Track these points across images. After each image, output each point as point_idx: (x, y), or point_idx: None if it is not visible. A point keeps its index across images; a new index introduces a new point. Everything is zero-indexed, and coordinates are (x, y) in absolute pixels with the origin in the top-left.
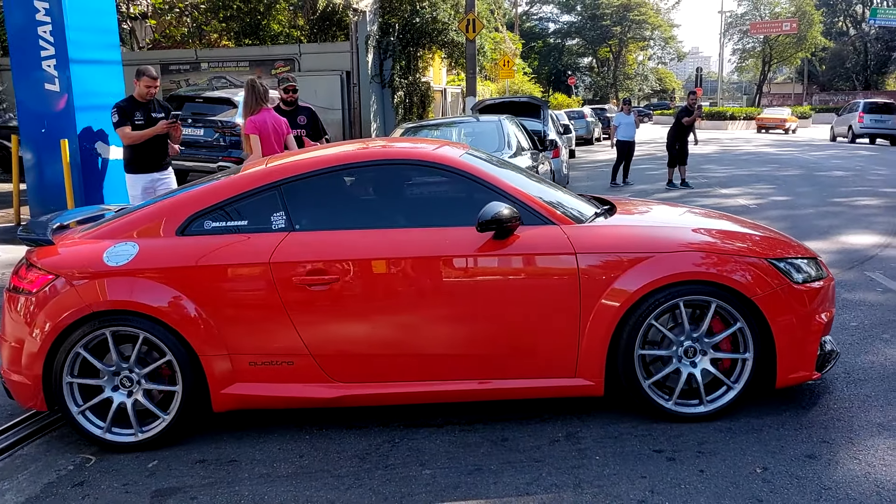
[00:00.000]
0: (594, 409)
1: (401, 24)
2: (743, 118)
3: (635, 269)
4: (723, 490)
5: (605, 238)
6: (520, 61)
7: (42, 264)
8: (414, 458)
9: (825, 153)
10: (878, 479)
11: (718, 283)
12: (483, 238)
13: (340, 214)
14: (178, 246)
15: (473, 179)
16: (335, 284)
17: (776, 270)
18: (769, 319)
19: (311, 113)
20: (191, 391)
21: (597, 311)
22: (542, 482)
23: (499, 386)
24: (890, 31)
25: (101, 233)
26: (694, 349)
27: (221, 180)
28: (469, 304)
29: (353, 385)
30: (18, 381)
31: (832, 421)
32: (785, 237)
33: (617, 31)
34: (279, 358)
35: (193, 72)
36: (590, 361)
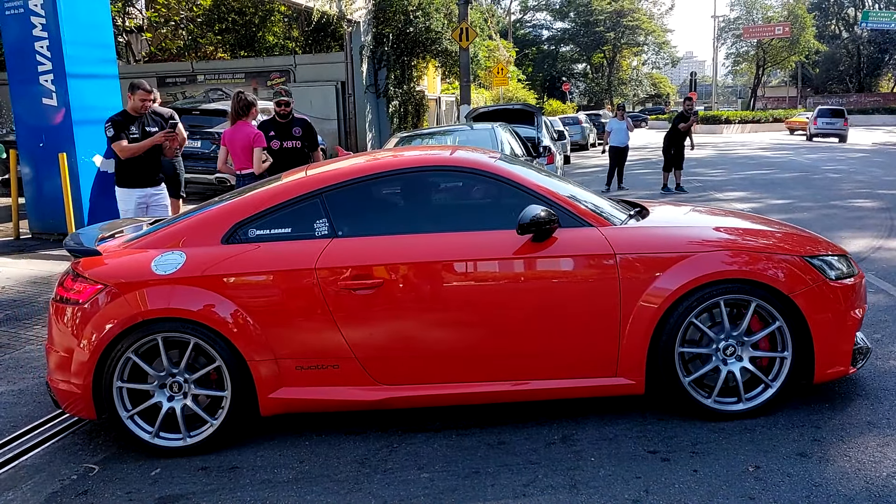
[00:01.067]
0: (590, 411)
1: (394, 34)
2: (738, 122)
3: (674, 269)
4: (716, 489)
5: (643, 239)
6: (514, 68)
7: (90, 274)
8: (412, 462)
9: (819, 156)
10: (867, 475)
11: (757, 281)
12: (523, 240)
13: (381, 220)
14: (224, 254)
15: (510, 183)
16: (380, 288)
17: (812, 267)
18: (807, 316)
19: (306, 124)
20: (239, 396)
21: (637, 310)
22: (539, 484)
23: (540, 386)
24: (882, 34)
25: (146, 243)
26: (733, 347)
27: (264, 190)
28: (511, 305)
29: (397, 387)
30: (67, 390)
31: (823, 420)
32: (813, 234)
33: (610, 37)
34: (325, 362)
35: (190, 84)
36: (630, 360)
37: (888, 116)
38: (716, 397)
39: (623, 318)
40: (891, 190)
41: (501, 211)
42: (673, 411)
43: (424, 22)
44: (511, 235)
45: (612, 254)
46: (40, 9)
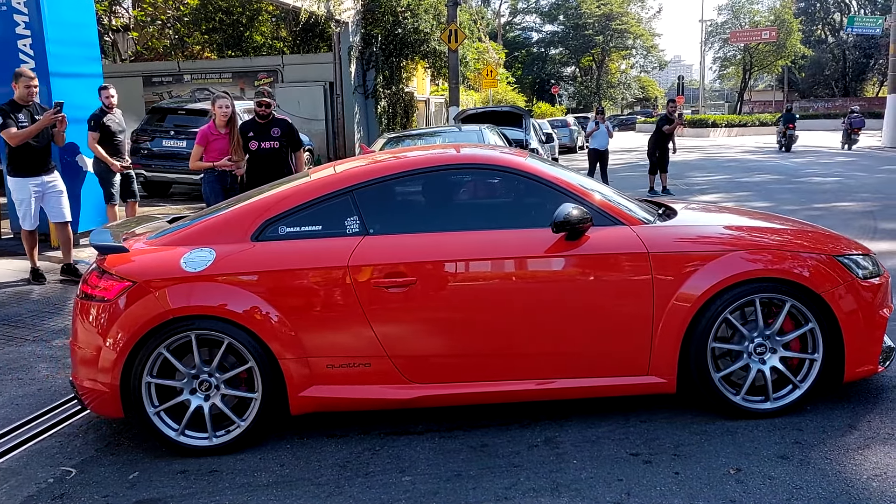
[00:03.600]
0: (573, 413)
1: (383, 35)
2: (724, 125)
3: (708, 267)
4: (697, 491)
5: (676, 237)
6: (503, 71)
7: (117, 271)
8: (394, 465)
9: (803, 160)
10: (848, 478)
11: (790, 280)
12: (556, 239)
13: (412, 218)
14: (254, 251)
15: (543, 182)
16: (413, 286)
17: (842, 266)
18: (837, 315)
19: (286, 125)
20: (269, 394)
21: (670, 308)
22: (521, 486)
23: (571, 385)
24: (867, 39)
25: (173, 239)
26: (764, 346)
27: (293, 186)
28: (544, 304)
29: (429, 386)
30: (93, 388)
31: (804, 422)
32: (836, 234)
33: (599, 41)
34: (357, 360)
35: (176, 84)
36: (662, 359)
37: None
38: (744, 395)
39: (656, 317)
40: (873, 193)
41: (533, 209)
42: (655, 412)
43: (413, 23)
44: (544, 234)
45: (646, 252)
46: (24, 6)
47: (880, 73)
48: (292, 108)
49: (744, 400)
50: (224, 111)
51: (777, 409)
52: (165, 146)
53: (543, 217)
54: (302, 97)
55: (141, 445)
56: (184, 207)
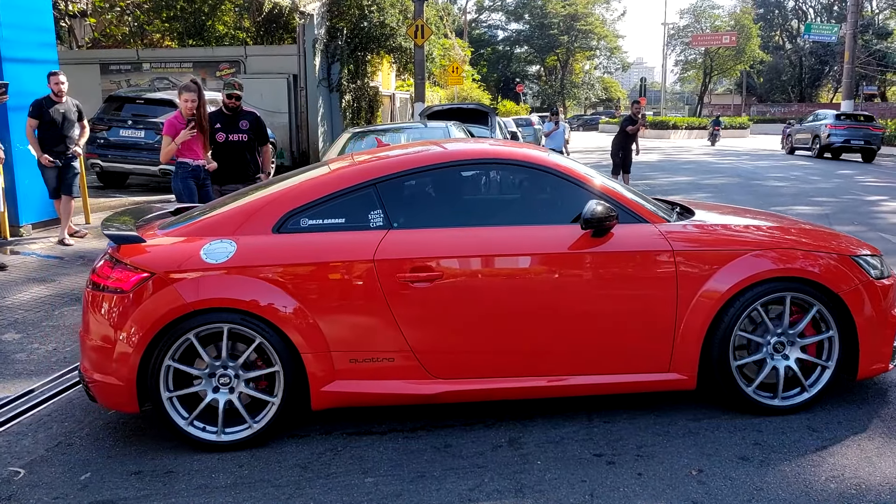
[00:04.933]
0: (536, 413)
1: (349, 29)
2: (684, 127)
3: (730, 266)
4: (659, 492)
5: (700, 236)
6: (469, 68)
7: (133, 262)
8: (356, 466)
9: (760, 163)
10: (807, 479)
11: (810, 279)
12: (583, 235)
13: (436, 213)
14: (277, 243)
15: (568, 179)
16: (439, 281)
17: (857, 266)
18: (853, 314)
19: (254, 118)
20: (291, 388)
21: (694, 305)
22: (485, 488)
23: (594, 381)
24: (823, 46)
25: (191, 230)
26: (782, 345)
27: (313, 178)
28: (569, 300)
29: (452, 381)
30: (105, 382)
31: (764, 423)
32: (846, 234)
33: (564, 41)
34: (380, 355)
35: (135, 72)
36: (684, 356)
37: None
38: (755, 388)
39: (679, 314)
40: (828, 197)
41: (558, 206)
42: (618, 413)
43: (379, 17)
44: (568, 230)
45: (671, 250)
46: None
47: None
48: (255, 100)
49: (755, 393)
50: (189, 105)
51: (785, 408)
52: (122, 136)
53: (567, 213)
54: (265, 89)
55: (93, 445)
56: (143, 199)
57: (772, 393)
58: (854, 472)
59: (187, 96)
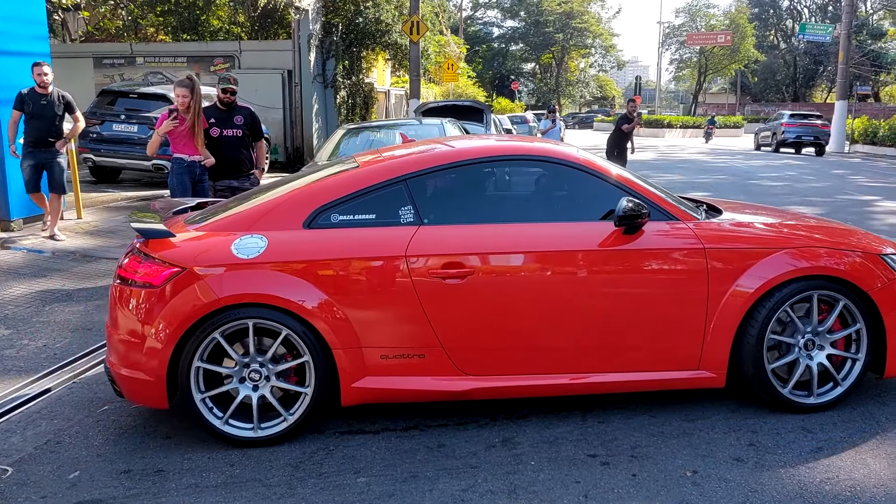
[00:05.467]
0: (531, 413)
1: (344, 24)
2: (679, 126)
3: (762, 264)
4: (654, 494)
5: (731, 233)
6: (464, 65)
7: (163, 256)
8: (349, 465)
9: (754, 162)
10: (801, 480)
11: (840, 277)
12: (615, 233)
13: (465, 209)
14: (308, 239)
15: (599, 176)
16: (471, 278)
17: (886, 264)
18: (882, 312)
19: (249, 113)
20: (321, 384)
21: (724, 303)
22: (478, 489)
23: (624, 379)
24: (817, 46)
25: (220, 225)
26: (812, 342)
27: (344, 174)
28: (601, 297)
29: (482, 378)
30: (134, 377)
31: (759, 424)
32: (870, 233)
33: (559, 38)
34: (411, 351)
35: (128, 66)
36: (714, 354)
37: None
38: (791, 389)
39: (710, 312)
40: (822, 197)
41: (589, 203)
42: (612, 413)
43: (375, 13)
44: (600, 227)
45: (702, 247)
46: None
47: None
48: (249, 95)
49: (791, 393)
50: (181, 101)
51: (819, 405)
52: (115, 131)
53: (598, 210)
54: (259, 84)
55: (83, 444)
56: (136, 194)
57: (806, 391)
58: (849, 474)
59: (179, 91)
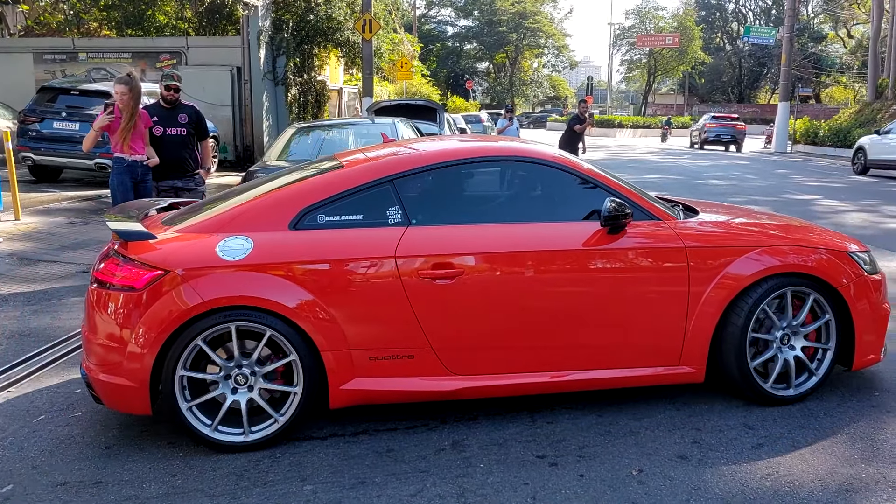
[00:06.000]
0: (480, 415)
1: (295, 21)
2: (630, 126)
3: (740, 262)
4: (600, 494)
5: (710, 233)
6: (418, 63)
7: (145, 259)
8: (295, 473)
9: (701, 162)
10: (743, 477)
11: (813, 275)
12: (600, 233)
13: (452, 209)
14: (295, 240)
15: (583, 177)
16: (460, 278)
17: (853, 261)
18: (850, 307)
19: (194, 111)
20: (309, 388)
21: (704, 301)
22: (427, 493)
23: (609, 376)
24: (761, 49)
25: (202, 226)
26: (788, 336)
27: (329, 174)
28: (586, 297)
29: (471, 377)
30: (114, 382)
31: (703, 422)
32: (838, 232)
33: (513, 38)
34: (400, 352)
35: (70, 62)
36: (694, 350)
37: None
38: (772, 383)
39: (690, 309)
40: (766, 195)
41: (572, 203)
42: (561, 413)
43: (326, 11)
44: (584, 227)
45: (683, 247)
46: None
47: (772, 82)
48: (197, 92)
49: (772, 388)
50: (120, 97)
51: (797, 396)
52: (56, 129)
53: (581, 210)
54: (207, 81)
55: (17, 455)
56: (78, 194)
57: (785, 384)
58: (788, 469)
59: (118, 88)
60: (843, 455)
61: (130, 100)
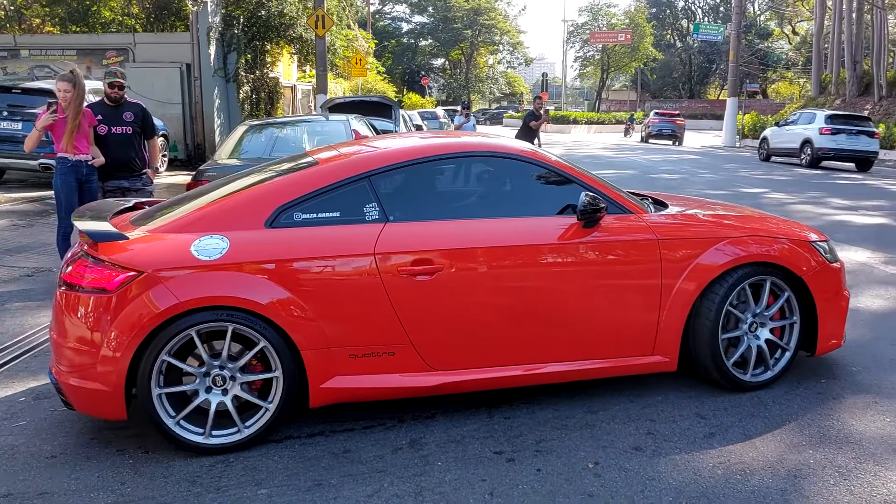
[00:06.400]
0: (438, 412)
1: (246, 17)
2: (584, 122)
3: (710, 253)
4: (557, 487)
5: (681, 225)
6: (373, 60)
7: (117, 260)
8: (249, 477)
9: (653, 157)
10: (696, 466)
11: (780, 264)
12: (576, 226)
13: (429, 205)
14: (272, 239)
15: (558, 172)
16: (440, 274)
17: (816, 250)
18: (814, 294)
19: (140, 109)
20: (290, 387)
21: (676, 292)
22: (384, 493)
23: (588, 367)
24: (710, 45)
25: (174, 225)
26: (756, 324)
27: (304, 172)
28: (565, 289)
29: (451, 372)
30: (86, 387)
31: (657, 413)
32: (799, 223)
33: (468, 35)
34: (381, 349)
35: (12, 59)
36: (667, 340)
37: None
38: (752, 372)
39: (663, 300)
40: (716, 189)
41: (548, 198)
42: (518, 408)
43: (278, 6)
44: (560, 221)
45: (656, 239)
46: None
47: (721, 78)
48: (145, 90)
49: (752, 377)
50: (63, 95)
51: (765, 381)
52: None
53: (556, 205)
54: (156, 79)
55: None
56: (21, 195)
57: (756, 369)
58: (739, 457)
59: (61, 86)
60: (792, 442)
61: (74, 98)
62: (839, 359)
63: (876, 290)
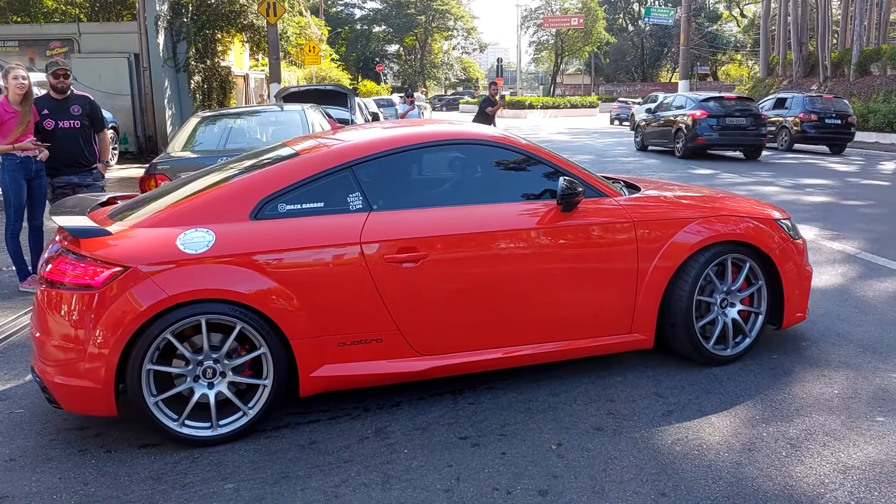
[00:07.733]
0: (403, 401)
1: (195, 5)
2: (540, 107)
3: (683, 234)
4: (522, 470)
5: (654, 208)
6: (326, 47)
7: (101, 256)
8: (215, 472)
9: (609, 140)
10: (655, 444)
11: (749, 242)
12: (555, 210)
13: (412, 193)
14: (258, 230)
15: (536, 158)
16: (425, 261)
17: (780, 227)
18: (780, 270)
19: (87, 101)
20: (280, 377)
21: (652, 271)
22: (351, 482)
23: (570, 346)
24: (662, 29)
25: (157, 219)
26: (726, 301)
27: (286, 163)
28: (547, 272)
29: (437, 357)
30: (74, 385)
31: (617, 393)
32: (763, 202)
33: (422, 20)
34: (369, 336)
35: None
36: (644, 317)
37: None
38: (713, 344)
39: (639, 281)
40: (668, 172)
41: (527, 183)
42: (482, 393)
43: None
44: (539, 205)
45: (631, 221)
46: None
47: (673, 61)
48: (92, 81)
49: (713, 348)
50: (20, 83)
51: (734, 356)
52: None
53: (534, 190)
54: (103, 70)
55: None
56: None
57: (724, 345)
58: (696, 434)
59: (16, 74)
60: (746, 417)
61: (30, 87)
62: (790, 335)
63: (822, 267)
